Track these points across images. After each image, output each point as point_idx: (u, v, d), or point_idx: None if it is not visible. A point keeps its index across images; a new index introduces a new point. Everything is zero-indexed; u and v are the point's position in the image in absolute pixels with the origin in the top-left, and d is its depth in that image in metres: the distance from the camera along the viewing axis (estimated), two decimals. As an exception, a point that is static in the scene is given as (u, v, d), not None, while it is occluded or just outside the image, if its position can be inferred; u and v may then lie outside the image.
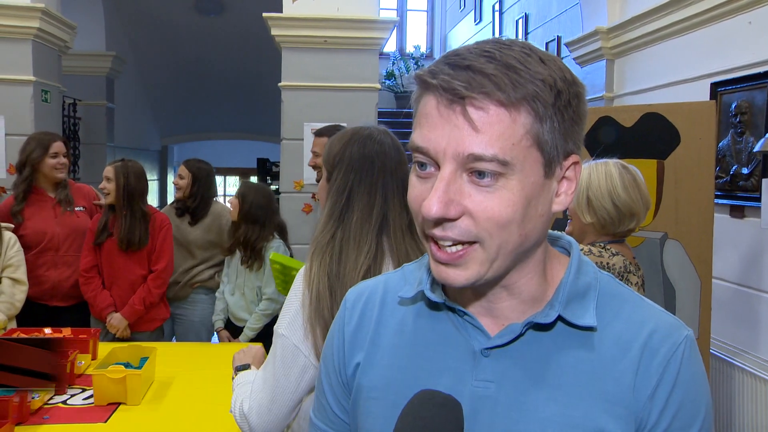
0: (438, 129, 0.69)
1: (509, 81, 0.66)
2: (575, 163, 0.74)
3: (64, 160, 3.31)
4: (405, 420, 0.68)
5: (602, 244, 1.96)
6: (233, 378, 1.58)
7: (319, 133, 2.99)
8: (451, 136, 0.68)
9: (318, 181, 3.18)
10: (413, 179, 0.74)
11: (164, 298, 3.36)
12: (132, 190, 3.17)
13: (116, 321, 3.14)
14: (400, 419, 0.69)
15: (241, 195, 3.27)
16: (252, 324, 3.25)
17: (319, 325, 1.33)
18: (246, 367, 1.60)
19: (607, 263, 1.90)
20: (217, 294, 3.50)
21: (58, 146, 3.29)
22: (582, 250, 1.88)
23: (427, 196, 0.69)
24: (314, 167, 2.93)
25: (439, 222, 0.70)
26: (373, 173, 1.44)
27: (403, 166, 1.48)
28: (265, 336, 3.26)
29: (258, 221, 3.25)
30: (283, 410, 1.37)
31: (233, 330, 3.37)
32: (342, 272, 1.36)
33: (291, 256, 3.30)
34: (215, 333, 3.50)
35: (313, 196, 4.37)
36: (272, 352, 1.39)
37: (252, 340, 3.21)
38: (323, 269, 1.37)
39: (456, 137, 0.67)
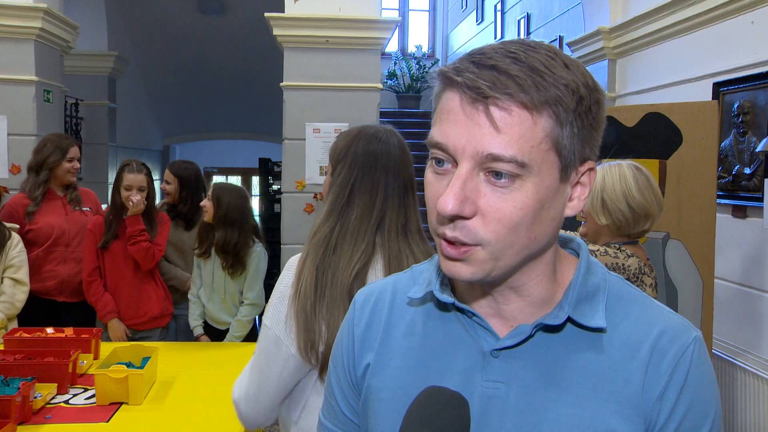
0: (459, 126, 0.69)
1: (533, 83, 0.67)
2: (590, 170, 0.75)
3: (78, 165, 3.41)
4: (411, 416, 0.69)
5: (617, 246, 1.96)
6: None
7: None
8: (472, 134, 0.68)
9: None
10: (429, 176, 0.74)
11: (169, 295, 3.37)
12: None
13: (112, 330, 3.15)
14: (407, 416, 0.69)
15: (216, 197, 3.13)
16: (235, 332, 3.17)
17: (300, 318, 1.33)
18: None
19: (623, 264, 1.91)
20: (190, 296, 3.33)
21: (74, 151, 3.39)
22: (597, 251, 1.88)
23: (443, 193, 0.69)
24: None
25: (453, 219, 0.70)
26: (375, 171, 1.44)
27: (406, 167, 1.48)
28: (251, 337, 3.23)
29: (235, 224, 3.12)
30: (269, 400, 1.39)
31: (213, 334, 3.28)
32: (334, 267, 1.36)
33: (270, 257, 3.27)
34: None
35: (315, 196, 4.37)
36: (258, 342, 1.41)
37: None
38: (314, 263, 1.37)
39: (476, 135, 0.67)
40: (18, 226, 3.12)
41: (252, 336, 3.24)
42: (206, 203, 3.17)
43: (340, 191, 1.44)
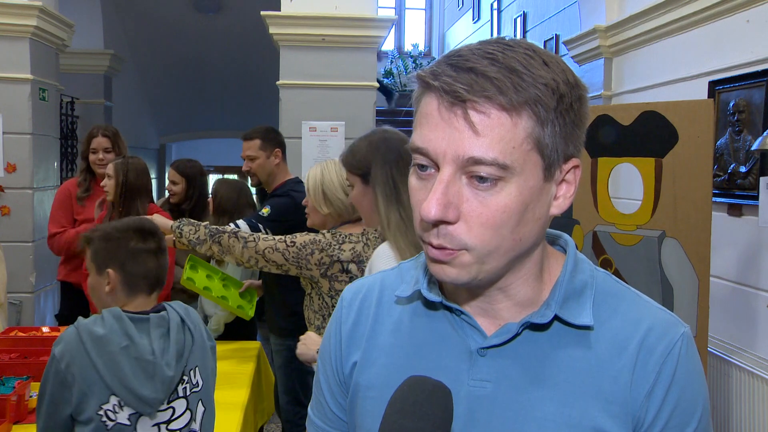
0: (438, 130, 0.68)
1: (511, 84, 0.66)
2: (575, 167, 0.74)
3: (102, 155, 3.41)
4: (394, 406, 0.68)
5: (333, 231, 2.23)
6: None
7: (248, 137, 3.12)
8: (452, 139, 0.67)
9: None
10: (413, 181, 0.73)
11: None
12: (131, 187, 3.03)
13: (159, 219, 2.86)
14: (389, 405, 0.68)
15: (214, 191, 3.37)
16: (211, 326, 3.14)
17: None
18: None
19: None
20: None
21: (97, 142, 3.43)
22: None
23: (426, 198, 0.69)
24: (248, 173, 3.17)
25: (436, 224, 0.70)
26: (401, 158, 1.74)
27: (405, 144, 1.81)
28: (235, 333, 3.20)
29: (226, 214, 3.27)
30: None
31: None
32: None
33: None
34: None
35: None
36: None
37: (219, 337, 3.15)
38: (408, 241, 1.64)
39: (456, 140, 0.67)
40: None
41: (246, 334, 3.21)
42: (210, 199, 3.38)
43: (384, 186, 1.73)
